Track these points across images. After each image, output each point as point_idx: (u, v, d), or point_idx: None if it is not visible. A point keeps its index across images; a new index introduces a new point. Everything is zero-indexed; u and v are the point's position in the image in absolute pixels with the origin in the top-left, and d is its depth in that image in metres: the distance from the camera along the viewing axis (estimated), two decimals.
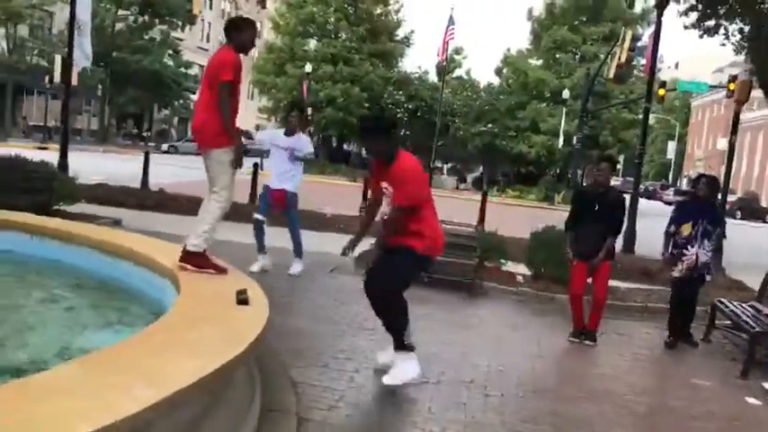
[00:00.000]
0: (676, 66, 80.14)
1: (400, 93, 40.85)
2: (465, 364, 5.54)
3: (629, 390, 5.43)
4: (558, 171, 42.26)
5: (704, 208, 7.11)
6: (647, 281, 10.87)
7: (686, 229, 6.92)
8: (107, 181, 16.45)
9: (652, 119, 47.29)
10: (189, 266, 4.90)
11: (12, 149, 23.61)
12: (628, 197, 16.18)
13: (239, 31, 5.13)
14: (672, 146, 66.96)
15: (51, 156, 15.87)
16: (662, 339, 7.20)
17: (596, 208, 6.64)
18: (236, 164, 5.04)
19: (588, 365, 6.05)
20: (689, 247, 6.92)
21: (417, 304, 7.49)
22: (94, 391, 2.49)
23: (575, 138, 32.68)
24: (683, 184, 66.38)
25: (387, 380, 4.69)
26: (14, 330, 4.32)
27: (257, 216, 8.20)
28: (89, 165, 23.61)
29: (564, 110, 35.90)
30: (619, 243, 14.74)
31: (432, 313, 7.24)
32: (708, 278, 7.19)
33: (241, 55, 5.15)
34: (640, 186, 46.61)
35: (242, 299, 4.11)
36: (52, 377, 2.63)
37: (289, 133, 8.11)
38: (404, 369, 4.73)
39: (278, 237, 8.56)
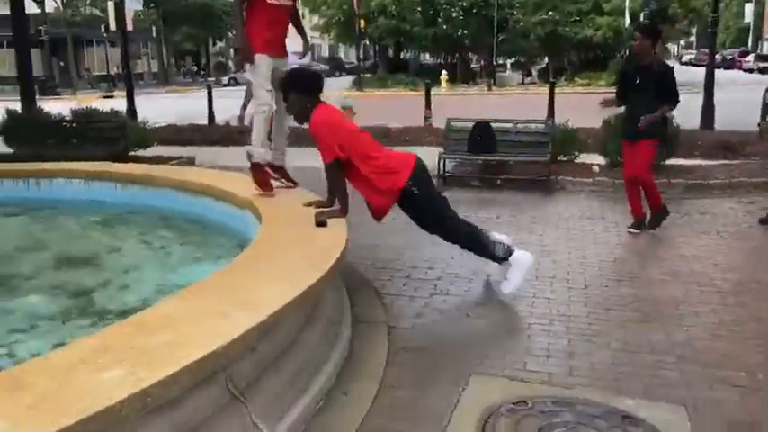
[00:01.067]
0: None
1: None
2: (545, 261, 5.59)
3: (714, 268, 5.38)
4: (627, 52, 40.38)
5: None
6: (731, 156, 10.50)
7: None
8: (174, 121, 16.84)
9: None
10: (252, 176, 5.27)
11: (82, 103, 24.43)
12: (702, 69, 15.47)
13: None
14: (749, 8, 62.57)
15: (118, 103, 16.37)
16: (747, 215, 7.03)
17: (638, 81, 6.14)
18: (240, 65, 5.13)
19: (670, 248, 5.99)
20: None
21: (492, 207, 7.58)
22: (198, 321, 2.68)
23: (641, 14, 30.98)
24: (765, 48, 62.41)
25: (503, 289, 4.75)
26: (115, 273, 4.64)
27: None
28: (155, 107, 24.15)
29: None
30: (696, 119, 14.31)
31: (507, 214, 7.29)
32: None
33: None
34: (717, 56, 43.92)
35: (320, 221, 4.25)
36: (159, 311, 2.84)
37: None
38: (512, 276, 4.76)
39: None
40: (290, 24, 5.46)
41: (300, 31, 5.67)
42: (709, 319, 4.34)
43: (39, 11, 38.56)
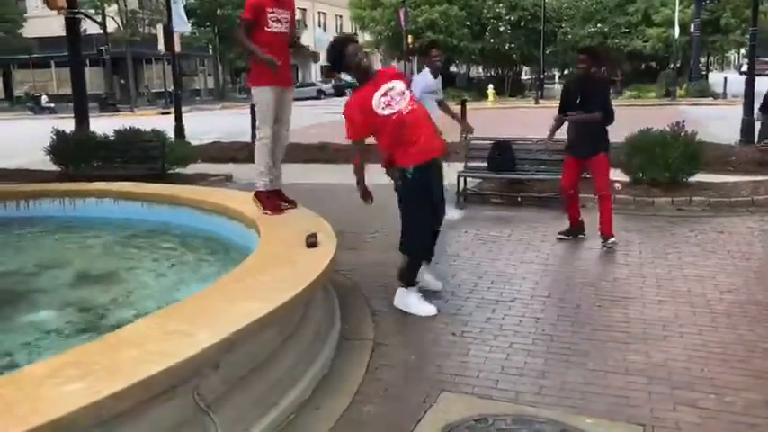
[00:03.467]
0: None
1: (500, 5, 39.45)
2: (545, 280, 5.69)
3: (713, 289, 5.38)
4: (679, 63, 39.64)
5: None
6: (765, 172, 10.32)
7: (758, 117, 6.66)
8: (222, 138, 17.40)
9: None
10: (256, 203, 5.51)
11: (139, 119, 25.21)
12: (764, 79, 15.05)
13: None
14: None
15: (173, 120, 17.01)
16: (762, 233, 6.97)
17: (578, 99, 6.49)
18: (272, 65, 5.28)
19: (675, 268, 5.98)
20: None
21: (506, 225, 7.68)
22: (162, 339, 2.93)
23: (692, 25, 30.52)
24: None
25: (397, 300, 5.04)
26: (126, 291, 4.96)
27: None
28: (207, 124, 25.05)
29: None
30: (736, 133, 14.05)
31: (520, 232, 7.38)
32: None
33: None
34: None
35: (311, 242, 4.48)
36: (131, 330, 3.11)
37: (436, 75, 7.59)
38: (408, 298, 5.05)
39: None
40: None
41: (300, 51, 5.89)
42: (692, 341, 4.38)
43: (101, 31, 40.18)
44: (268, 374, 3.45)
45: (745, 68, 62.56)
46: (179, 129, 16.51)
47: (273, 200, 5.58)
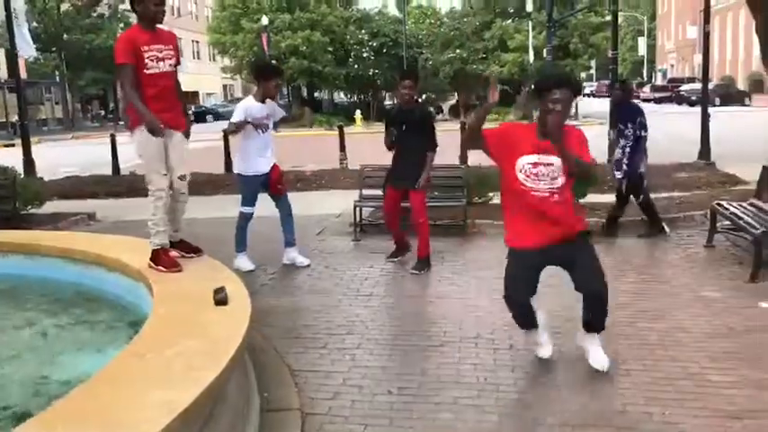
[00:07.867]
0: None
1: (362, 31, 39.73)
2: (469, 318, 5.28)
3: (641, 317, 5.21)
4: (533, 86, 41.59)
5: (620, 111, 7.94)
6: None
7: (611, 135, 7.86)
8: (78, 171, 16.00)
9: (618, 17, 46.51)
10: (151, 264, 4.75)
11: None
12: (600, 100, 15.81)
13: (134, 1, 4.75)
14: (642, 42, 66.17)
15: (19, 152, 15.34)
16: (655, 251, 7.19)
17: (404, 128, 6.44)
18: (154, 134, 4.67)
19: None
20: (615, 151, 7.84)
21: (413, 258, 7.25)
22: None
23: (545, 50, 31.99)
24: (659, 79, 65.94)
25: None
26: None
27: (246, 210, 6.81)
28: (59, 156, 23.09)
29: (530, 23, 35.11)
30: (603, 153, 14.56)
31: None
32: (618, 174, 7.67)
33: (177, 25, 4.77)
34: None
35: (220, 299, 3.80)
36: None
37: (263, 99, 6.73)
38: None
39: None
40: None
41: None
42: (641, 379, 4.11)
43: None
44: None
45: (586, 90, 66.86)
46: (28, 163, 14.93)
47: (170, 257, 4.82)
